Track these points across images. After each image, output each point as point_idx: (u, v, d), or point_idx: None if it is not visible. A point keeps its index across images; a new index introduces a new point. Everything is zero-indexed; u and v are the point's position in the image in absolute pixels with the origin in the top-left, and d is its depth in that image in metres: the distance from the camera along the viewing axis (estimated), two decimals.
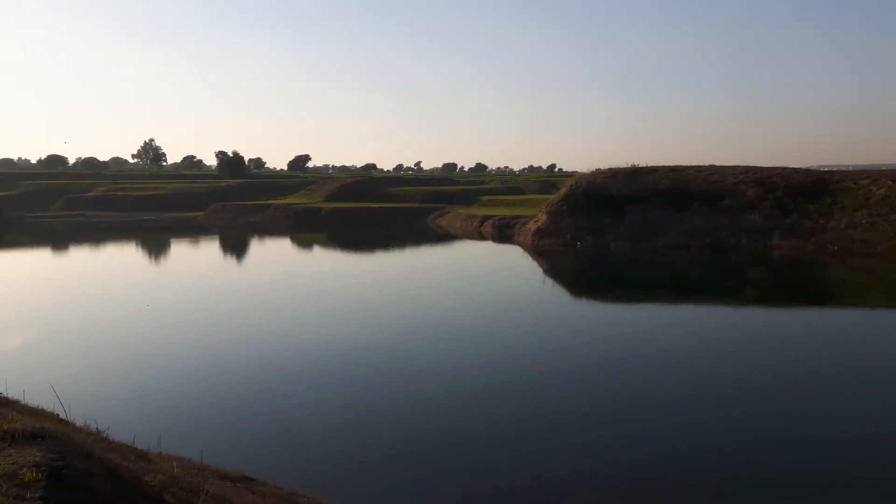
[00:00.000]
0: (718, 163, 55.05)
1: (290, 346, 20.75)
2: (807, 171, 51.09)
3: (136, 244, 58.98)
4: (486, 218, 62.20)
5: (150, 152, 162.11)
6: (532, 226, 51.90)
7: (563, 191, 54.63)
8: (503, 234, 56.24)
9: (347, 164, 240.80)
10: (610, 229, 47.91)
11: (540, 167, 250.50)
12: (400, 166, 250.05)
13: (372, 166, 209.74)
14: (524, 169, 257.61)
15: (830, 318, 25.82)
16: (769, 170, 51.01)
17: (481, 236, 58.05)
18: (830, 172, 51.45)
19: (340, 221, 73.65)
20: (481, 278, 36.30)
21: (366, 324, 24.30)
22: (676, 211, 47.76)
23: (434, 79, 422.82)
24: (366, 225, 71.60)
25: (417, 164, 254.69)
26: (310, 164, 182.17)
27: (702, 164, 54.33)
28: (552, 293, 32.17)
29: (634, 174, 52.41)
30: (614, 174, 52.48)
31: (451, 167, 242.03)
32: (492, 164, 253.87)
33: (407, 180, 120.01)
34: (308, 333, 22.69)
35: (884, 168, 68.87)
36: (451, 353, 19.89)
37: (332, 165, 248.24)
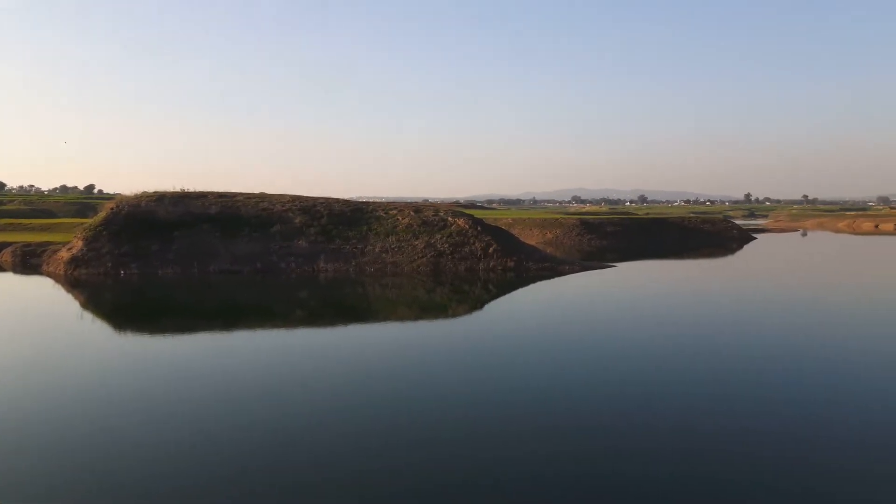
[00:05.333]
0: (269, 191, 56.84)
1: None
2: (346, 202, 56.19)
3: None
4: (3, 245, 52.50)
5: None
6: (65, 254, 45.63)
7: (102, 214, 49.46)
8: (27, 263, 48.17)
9: None
10: (158, 256, 45.11)
11: (76, 188, 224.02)
12: None
13: None
14: (55, 189, 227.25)
15: (374, 330, 28.48)
16: (314, 199, 54.60)
17: None
18: (366, 203, 57.65)
19: None
20: None
21: None
22: (228, 237, 47.51)
23: None
24: None
25: None
26: None
27: (252, 192, 55.33)
28: (91, 328, 28.42)
29: (182, 199, 50.50)
30: (160, 198, 49.73)
31: None
32: (12, 182, 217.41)
33: None
34: None
35: (408, 200, 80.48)
36: None
37: None
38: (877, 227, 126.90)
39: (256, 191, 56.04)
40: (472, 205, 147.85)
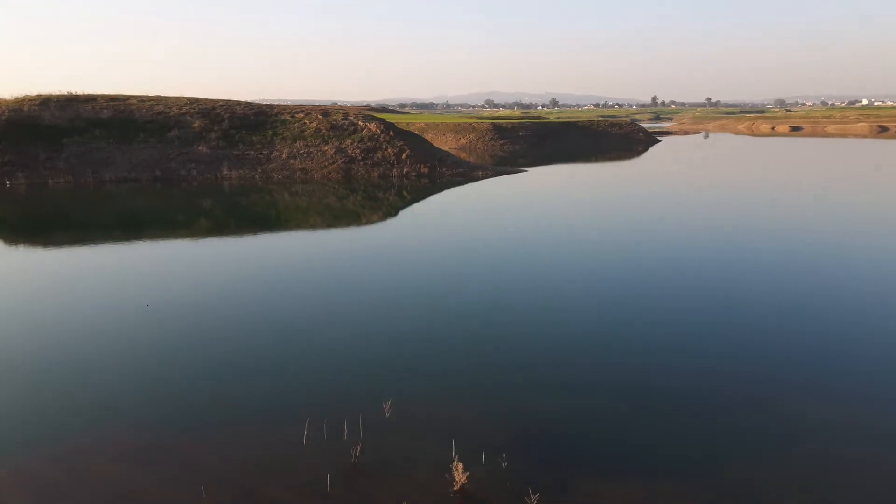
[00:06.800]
0: (164, 94, 53.36)
1: None
2: (249, 104, 53.45)
3: None
4: None
5: None
6: None
7: None
8: None
9: None
10: (46, 164, 42.07)
11: None
12: None
13: None
14: None
15: (283, 239, 27.81)
16: (214, 101, 51.71)
17: None
18: (270, 106, 54.78)
19: None
20: None
21: None
22: (122, 143, 44.71)
23: None
24: None
25: None
26: None
27: (146, 95, 51.83)
28: None
29: (70, 102, 46.84)
30: (45, 101, 45.95)
31: None
32: None
33: None
34: None
35: (316, 104, 77.34)
36: None
37: None
38: (773, 129, 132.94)
39: (151, 94, 52.53)
40: (383, 108, 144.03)
